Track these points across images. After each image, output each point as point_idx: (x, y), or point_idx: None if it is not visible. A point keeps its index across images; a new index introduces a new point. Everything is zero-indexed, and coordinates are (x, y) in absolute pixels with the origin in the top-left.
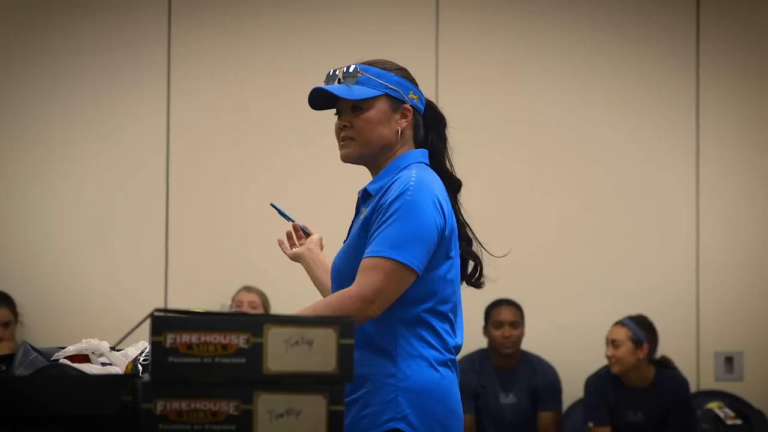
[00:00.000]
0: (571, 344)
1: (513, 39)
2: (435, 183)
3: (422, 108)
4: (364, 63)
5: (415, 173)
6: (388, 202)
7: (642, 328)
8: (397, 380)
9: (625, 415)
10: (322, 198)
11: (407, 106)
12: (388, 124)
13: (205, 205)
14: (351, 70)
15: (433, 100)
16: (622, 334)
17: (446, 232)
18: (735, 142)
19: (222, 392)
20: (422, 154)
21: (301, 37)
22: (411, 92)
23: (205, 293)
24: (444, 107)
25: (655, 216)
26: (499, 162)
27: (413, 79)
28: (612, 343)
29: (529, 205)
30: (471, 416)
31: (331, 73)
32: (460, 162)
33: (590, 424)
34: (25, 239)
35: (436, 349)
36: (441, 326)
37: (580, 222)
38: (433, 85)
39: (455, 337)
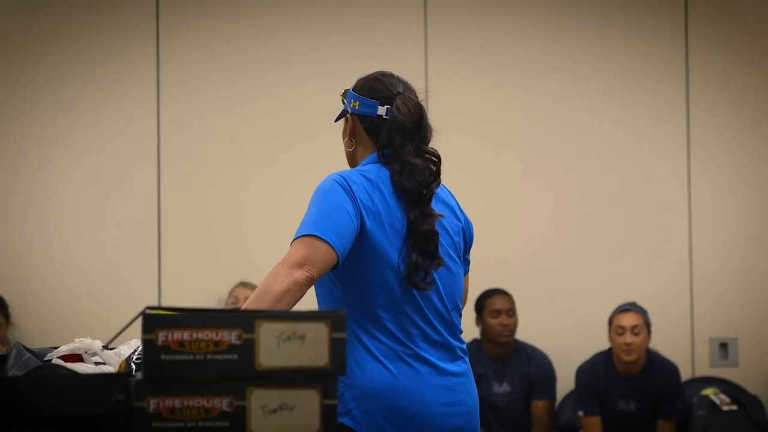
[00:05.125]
0: (565, 334)
1: (501, 29)
2: (357, 174)
3: (369, 111)
4: None
5: (343, 170)
6: None
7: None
8: (344, 377)
9: (617, 404)
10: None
11: (348, 114)
12: (344, 136)
13: (197, 204)
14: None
15: (422, 92)
16: (640, 320)
17: (368, 223)
18: (726, 128)
19: (215, 389)
20: (371, 158)
21: (289, 36)
22: (353, 101)
23: (200, 290)
24: (434, 100)
25: (647, 203)
26: (490, 153)
27: (367, 86)
28: (632, 330)
29: (521, 196)
30: None
31: None
32: (452, 153)
33: (580, 414)
34: (16, 241)
35: (387, 346)
36: (393, 321)
37: (573, 210)
38: (422, 78)
39: (421, 329)
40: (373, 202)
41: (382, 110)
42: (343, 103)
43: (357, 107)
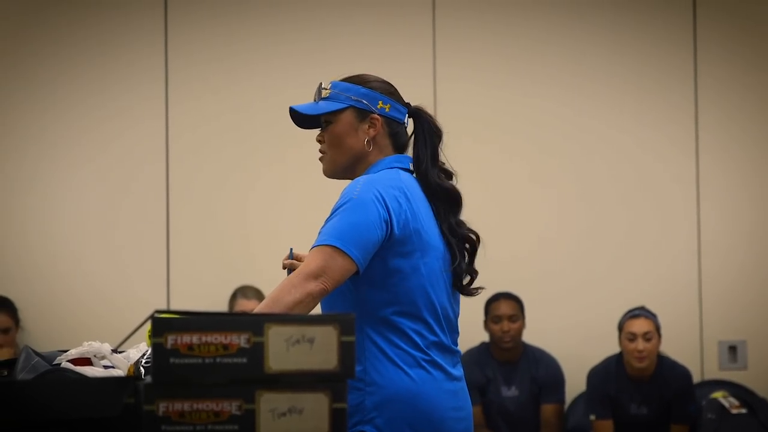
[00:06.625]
0: (572, 337)
1: (509, 32)
2: (386, 181)
3: (399, 117)
4: (340, 79)
5: (369, 176)
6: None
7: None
8: (364, 384)
9: (629, 408)
10: (321, 198)
11: (374, 115)
12: (356, 134)
13: (205, 206)
14: (320, 87)
15: (430, 95)
16: (651, 326)
17: (397, 231)
18: (734, 133)
19: (224, 392)
20: (398, 159)
21: (297, 36)
22: (380, 102)
23: (208, 293)
24: (442, 103)
25: (655, 207)
26: (496, 156)
27: (389, 90)
28: (643, 336)
29: (528, 199)
30: (478, 408)
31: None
32: (458, 155)
33: (592, 417)
34: (26, 243)
35: (406, 352)
36: (412, 328)
37: (580, 214)
38: (430, 81)
39: (437, 335)
40: (402, 209)
41: (405, 118)
42: (320, 94)
43: (388, 110)
